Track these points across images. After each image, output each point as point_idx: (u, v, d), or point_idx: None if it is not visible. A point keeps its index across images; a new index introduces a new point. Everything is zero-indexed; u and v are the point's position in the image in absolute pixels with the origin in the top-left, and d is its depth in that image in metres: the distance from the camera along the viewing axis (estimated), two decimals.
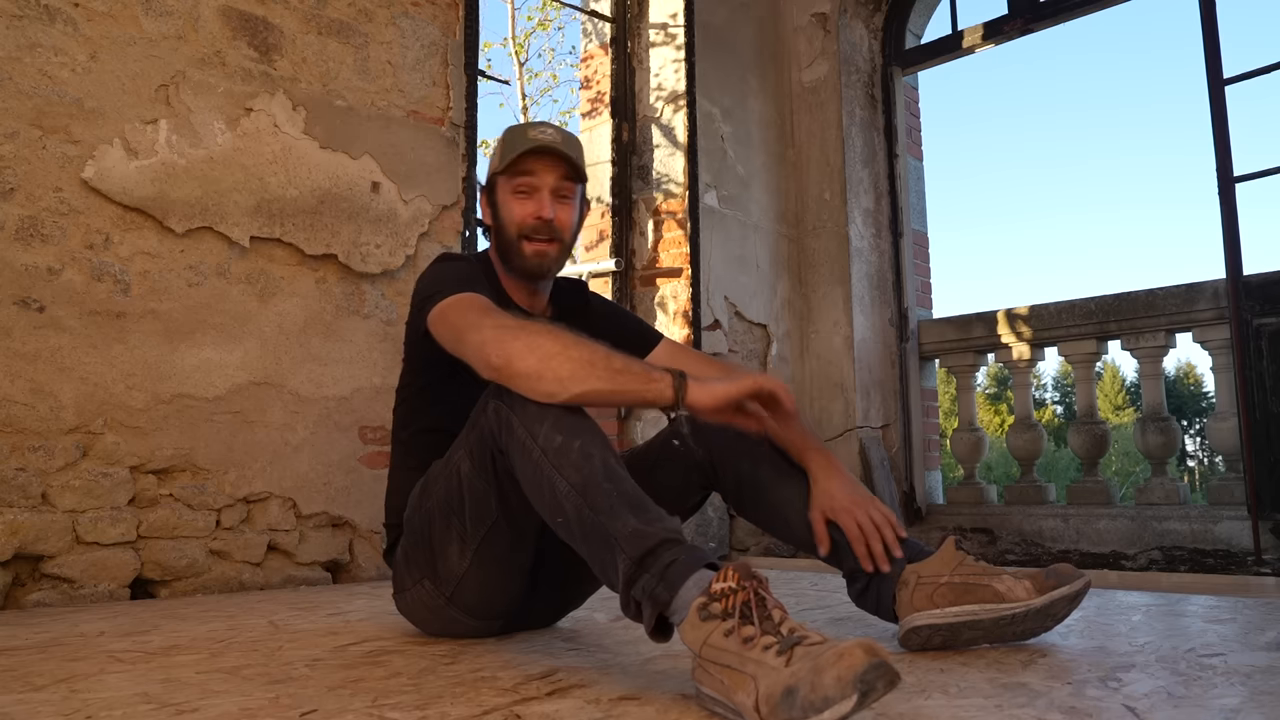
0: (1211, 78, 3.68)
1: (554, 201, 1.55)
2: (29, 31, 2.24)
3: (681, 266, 4.03)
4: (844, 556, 1.43)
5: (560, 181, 1.55)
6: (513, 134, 1.57)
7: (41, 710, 1.09)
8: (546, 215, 1.53)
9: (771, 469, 1.50)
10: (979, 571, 1.37)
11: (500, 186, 1.57)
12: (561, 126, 1.60)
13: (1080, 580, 1.36)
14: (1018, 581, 1.36)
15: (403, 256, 2.90)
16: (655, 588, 1.05)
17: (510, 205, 1.55)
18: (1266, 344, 3.49)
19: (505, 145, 1.56)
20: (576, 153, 1.56)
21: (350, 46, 2.85)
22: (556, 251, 1.57)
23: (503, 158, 1.55)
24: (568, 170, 1.55)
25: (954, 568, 1.38)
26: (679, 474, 1.55)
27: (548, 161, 1.54)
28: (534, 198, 1.54)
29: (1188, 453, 31.36)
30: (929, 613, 1.35)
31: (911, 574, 1.39)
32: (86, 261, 2.29)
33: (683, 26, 4.15)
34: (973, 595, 1.35)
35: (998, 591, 1.34)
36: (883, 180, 4.80)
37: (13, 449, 2.14)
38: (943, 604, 1.35)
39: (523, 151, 1.52)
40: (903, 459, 4.60)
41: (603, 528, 1.12)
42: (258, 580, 2.49)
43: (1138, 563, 3.77)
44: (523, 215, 1.54)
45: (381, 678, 1.24)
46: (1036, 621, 1.37)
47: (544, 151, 1.53)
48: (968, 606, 1.34)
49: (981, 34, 4.52)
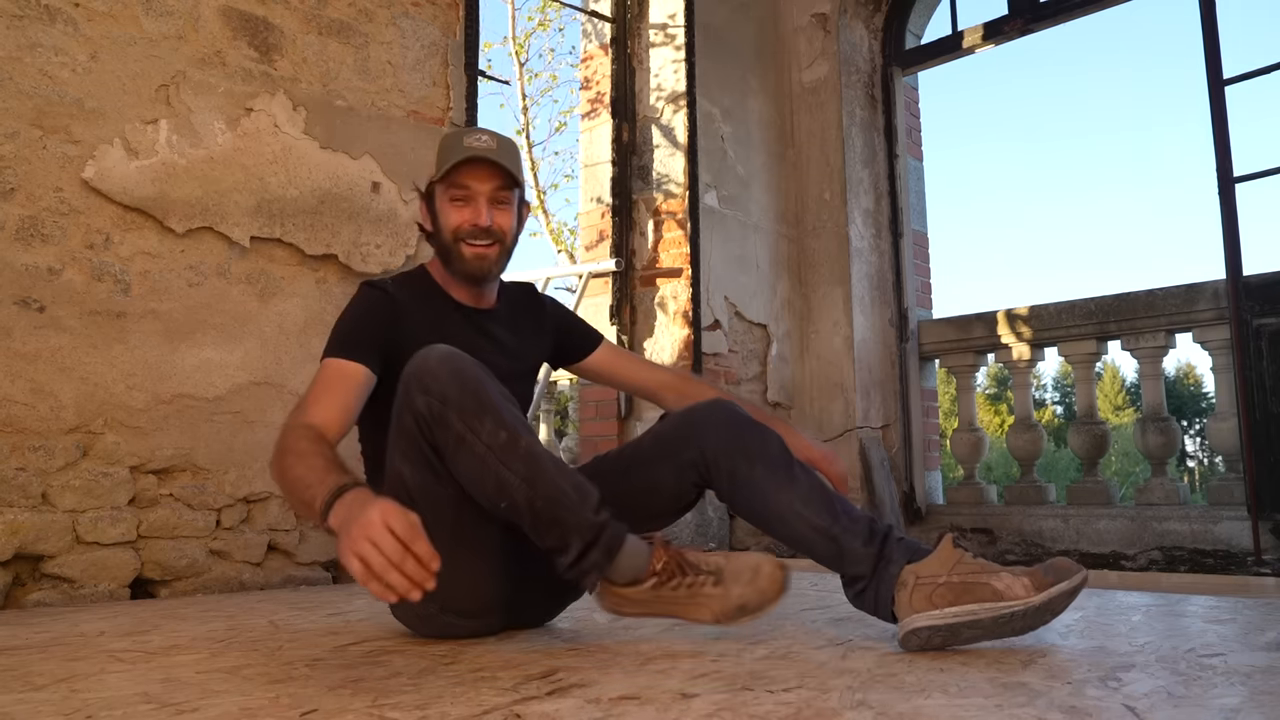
0: (1211, 78, 3.68)
1: (491, 208, 1.59)
2: (29, 31, 2.24)
3: (681, 266, 4.03)
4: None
5: (496, 191, 1.59)
6: (449, 142, 1.61)
7: (41, 710, 1.09)
8: (483, 223, 1.58)
9: (765, 469, 1.48)
10: (977, 570, 1.36)
11: (438, 195, 1.61)
12: (496, 132, 1.64)
13: (1078, 575, 1.36)
14: (1016, 578, 1.35)
15: (403, 256, 2.90)
16: (601, 560, 1.36)
17: (447, 213, 1.60)
18: (1266, 344, 3.49)
19: (442, 154, 1.60)
20: (512, 160, 1.59)
21: (350, 46, 2.85)
22: (497, 254, 1.62)
23: (439, 166, 1.59)
24: (504, 179, 1.59)
25: (952, 566, 1.37)
26: (672, 472, 1.55)
27: (484, 170, 1.57)
28: (470, 205, 1.58)
29: (1188, 453, 31.37)
30: (928, 614, 1.34)
31: (910, 574, 1.38)
32: (87, 261, 2.29)
33: (683, 27, 4.15)
34: (971, 594, 1.34)
35: (996, 590, 1.34)
36: (883, 180, 4.80)
37: (13, 449, 2.14)
38: (942, 604, 1.34)
39: (458, 161, 1.55)
40: (903, 459, 4.60)
41: (554, 515, 1.34)
42: (258, 580, 2.49)
43: (1138, 563, 3.77)
44: (459, 221, 1.59)
45: (381, 678, 1.25)
46: (1036, 618, 1.36)
47: (479, 160, 1.56)
48: (967, 606, 1.33)
49: (981, 34, 4.52)
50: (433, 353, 1.36)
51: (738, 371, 4.27)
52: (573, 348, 1.84)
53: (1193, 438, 31.17)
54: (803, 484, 1.47)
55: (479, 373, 1.36)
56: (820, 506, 1.45)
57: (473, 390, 1.34)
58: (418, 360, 1.36)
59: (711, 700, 1.09)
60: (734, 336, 4.26)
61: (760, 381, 4.40)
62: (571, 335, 1.85)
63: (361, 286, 1.62)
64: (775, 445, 1.50)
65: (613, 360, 1.86)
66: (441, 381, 1.33)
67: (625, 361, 1.88)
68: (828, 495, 1.46)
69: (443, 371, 1.33)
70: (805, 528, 1.45)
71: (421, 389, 1.33)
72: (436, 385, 1.32)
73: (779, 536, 1.50)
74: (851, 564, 1.43)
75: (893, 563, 1.40)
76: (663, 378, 1.86)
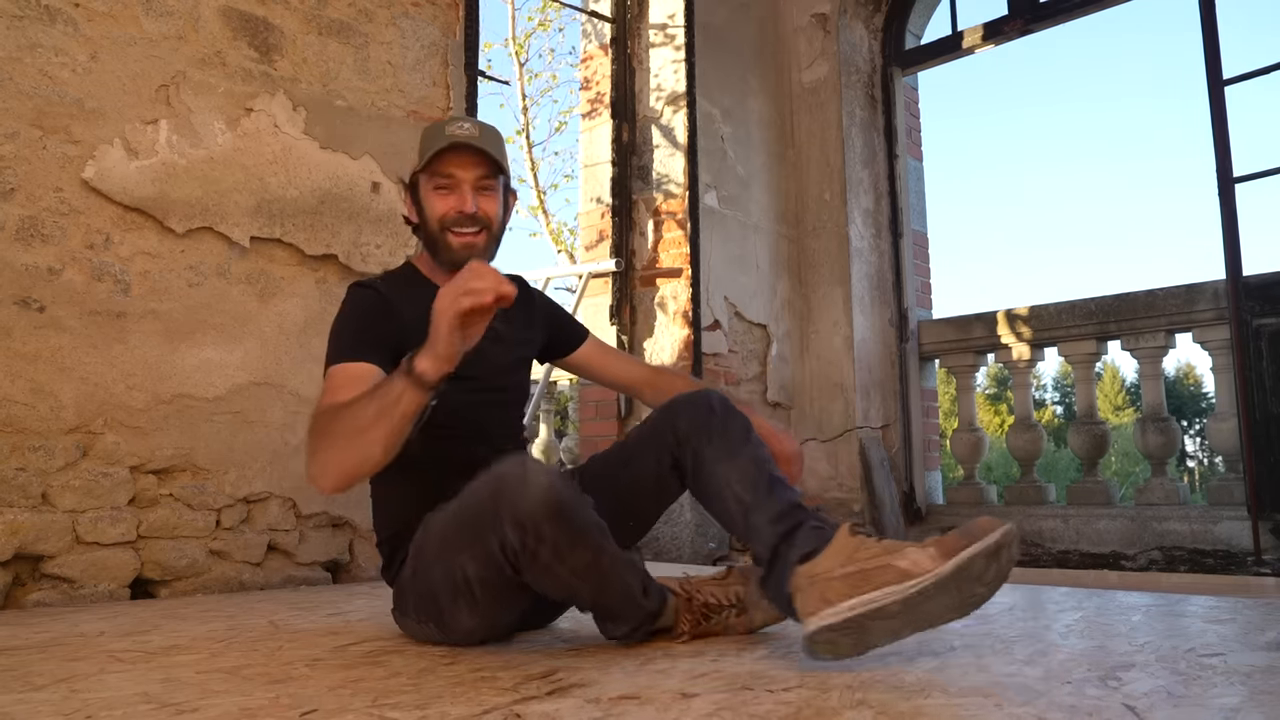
0: (1211, 78, 3.68)
1: (475, 194, 1.55)
2: (29, 31, 2.24)
3: (681, 267, 4.03)
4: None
5: (480, 179, 1.56)
6: (431, 131, 1.58)
7: (41, 710, 1.09)
8: (469, 209, 1.54)
9: (719, 444, 1.42)
10: (879, 553, 1.19)
11: (422, 184, 1.58)
12: (479, 120, 1.62)
13: (996, 531, 1.15)
14: (923, 550, 1.17)
15: (403, 256, 2.90)
16: (645, 635, 1.46)
17: (432, 201, 1.57)
18: (1266, 344, 3.49)
19: (424, 143, 1.58)
20: (495, 146, 1.56)
21: (350, 47, 2.85)
22: (485, 241, 1.58)
23: (421, 155, 1.57)
24: (488, 166, 1.56)
25: (848, 555, 1.21)
26: (651, 463, 1.52)
27: (467, 157, 1.54)
28: (455, 193, 1.55)
29: (1188, 453, 31.35)
30: (822, 614, 1.18)
31: (804, 577, 1.24)
32: (87, 261, 2.29)
33: (682, 27, 4.15)
34: (870, 581, 1.16)
35: (900, 569, 1.16)
36: (882, 180, 4.81)
37: (13, 449, 2.14)
38: (836, 600, 1.17)
39: (440, 149, 1.53)
40: (903, 459, 4.60)
41: (612, 608, 1.41)
42: (258, 580, 2.49)
43: (1137, 563, 3.77)
44: (444, 209, 1.55)
45: (381, 678, 1.24)
46: (956, 592, 1.16)
47: (462, 148, 1.53)
48: (866, 595, 1.16)
49: (981, 34, 4.52)
50: (533, 484, 1.24)
51: (737, 371, 4.27)
52: (561, 342, 1.83)
53: (1193, 438, 31.16)
54: (744, 459, 1.39)
55: (577, 504, 1.29)
56: (750, 482, 1.37)
57: (570, 528, 1.27)
58: (514, 485, 1.25)
59: (711, 700, 1.09)
60: (734, 336, 4.26)
61: (760, 381, 4.40)
62: (561, 330, 1.83)
63: (351, 288, 1.58)
64: (737, 425, 1.44)
65: (597, 356, 1.85)
66: (538, 520, 1.24)
67: (609, 358, 1.87)
68: (764, 473, 1.38)
69: (542, 511, 1.24)
70: (731, 500, 1.38)
71: (516, 523, 1.24)
72: (533, 524, 1.23)
73: (714, 513, 1.44)
74: (756, 540, 1.34)
75: (794, 547, 1.27)
76: (642, 373, 1.85)
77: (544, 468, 1.28)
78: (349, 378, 1.42)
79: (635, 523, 1.60)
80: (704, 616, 1.49)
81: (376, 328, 1.50)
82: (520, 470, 1.26)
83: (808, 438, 4.53)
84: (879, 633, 1.17)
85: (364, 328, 1.51)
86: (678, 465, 1.50)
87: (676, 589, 1.50)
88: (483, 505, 1.29)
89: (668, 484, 1.55)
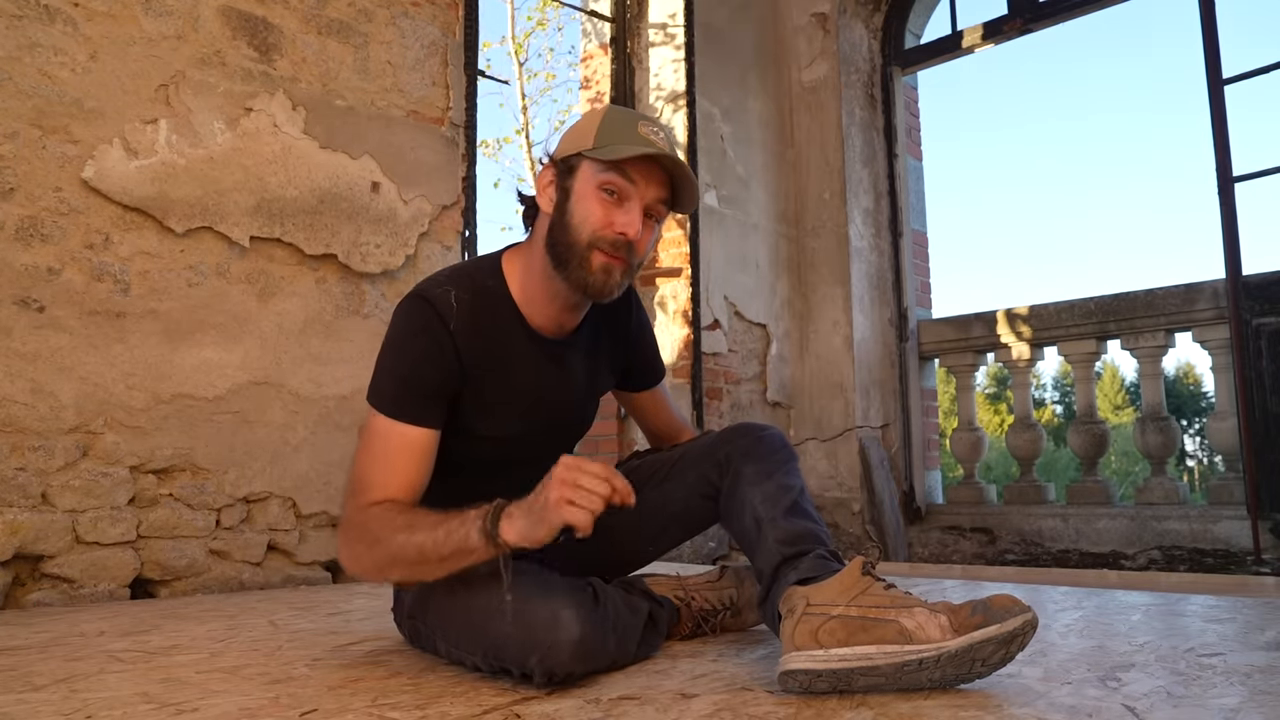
0: (1211, 78, 3.68)
1: (643, 219, 1.30)
2: (29, 31, 2.24)
3: (681, 266, 4.04)
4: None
5: (656, 202, 1.31)
6: (616, 119, 1.31)
7: (41, 710, 1.09)
8: (633, 235, 1.28)
9: (754, 465, 1.35)
10: (885, 603, 1.09)
11: (584, 175, 1.30)
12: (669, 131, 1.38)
13: (1017, 618, 1.04)
14: (933, 616, 1.06)
15: (403, 256, 2.90)
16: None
17: (591, 204, 1.29)
18: (1266, 344, 3.50)
19: (605, 129, 1.29)
20: (683, 171, 1.31)
21: (350, 46, 2.85)
22: (623, 272, 1.32)
23: (599, 141, 1.28)
24: (669, 192, 1.32)
25: (853, 596, 1.11)
26: (692, 480, 1.45)
27: (656, 173, 1.30)
28: (624, 207, 1.28)
29: (1187, 453, 31.35)
30: (809, 653, 1.08)
31: (800, 599, 1.14)
32: (86, 261, 2.29)
33: (682, 26, 4.15)
34: (870, 634, 1.07)
35: (904, 629, 1.06)
36: (882, 180, 4.81)
37: (13, 449, 2.14)
38: (829, 643, 1.08)
39: (635, 155, 1.26)
40: (902, 459, 4.60)
41: None
42: (258, 580, 2.49)
43: (1137, 562, 3.77)
44: (605, 222, 1.28)
45: (381, 678, 1.25)
46: (955, 668, 1.06)
47: (655, 160, 1.29)
48: (861, 649, 1.06)
49: (981, 34, 4.52)
50: (564, 642, 1.13)
51: (737, 371, 4.27)
52: (633, 378, 1.62)
53: (1192, 437, 31.17)
54: (773, 484, 1.31)
55: (603, 642, 1.21)
56: (773, 502, 1.29)
57: (598, 665, 1.20)
58: (545, 631, 1.14)
59: (711, 700, 1.09)
60: (734, 336, 4.26)
61: (760, 381, 4.40)
62: (640, 367, 1.62)
63: (415, 307, 1.33)
64: (782, 456, 1.37)
65: (651, 403, 1.67)
66: (569, 669, 1.14)
67: (660, 409, 1.67)
68: (790, 499, 1.30)
69: (572, 663, 1.14)
70: (749, 518, 1.30)
71: (545, 670, 1.13)
72: (564, 673, 1.14)
73: (734, 533, 1.36)
74: (760, 558, 1.27)
75: (796, 570, 1.19)
76: (674, 427, 1.69)
77: (575, 608, 1.16)
78: (403, 445, 1.28)
79: (654, 548, 1.56)
80: (702, 620, 1.53)
81: (439, 385, 1.31)
82: (550, 617, 1.14)
83: (807, 437, 4.53)
84: (860, 685, 1.09)
85: (424, 383, 1.30)
86: (715, 491, 1.41)
87: (672, 597, 1.51)
88: (508, 640, 1.16)
89: (696, 511, 1.46)
